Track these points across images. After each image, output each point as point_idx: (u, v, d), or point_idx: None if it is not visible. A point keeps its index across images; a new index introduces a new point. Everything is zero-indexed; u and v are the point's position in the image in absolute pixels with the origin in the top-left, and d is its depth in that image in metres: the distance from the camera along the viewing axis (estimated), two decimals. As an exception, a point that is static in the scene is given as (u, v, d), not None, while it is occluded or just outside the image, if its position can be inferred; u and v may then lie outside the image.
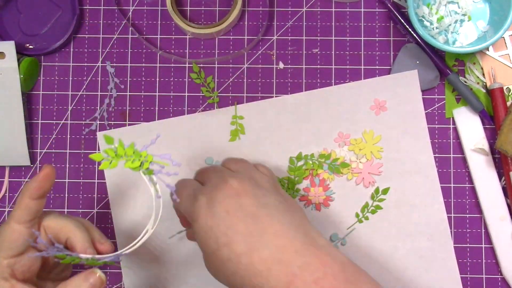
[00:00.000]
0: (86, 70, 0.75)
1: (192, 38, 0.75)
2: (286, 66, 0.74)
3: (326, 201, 0.72)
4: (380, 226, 0.71)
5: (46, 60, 0.75)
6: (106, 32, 0.75)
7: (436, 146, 0.73)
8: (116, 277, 0.72)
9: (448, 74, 0.71)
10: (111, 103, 0.74)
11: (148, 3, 0.75)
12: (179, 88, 0.74)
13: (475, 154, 0.72)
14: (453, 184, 0.72)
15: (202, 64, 0.74)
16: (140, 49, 0.75)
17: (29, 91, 0.74)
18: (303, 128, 0.72)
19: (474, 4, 0.73)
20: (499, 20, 0.69)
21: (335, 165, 0.71)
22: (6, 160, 0.73)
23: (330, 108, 0.73)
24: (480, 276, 0.72)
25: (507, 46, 0.73)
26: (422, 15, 0.72)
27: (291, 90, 0.73)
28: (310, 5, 0.74)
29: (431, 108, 0.73)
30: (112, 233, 0.73)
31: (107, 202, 0.73)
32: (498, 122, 0.70)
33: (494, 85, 0.71)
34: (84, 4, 0.75)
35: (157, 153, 0.73)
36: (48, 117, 0.74)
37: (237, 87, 0.74)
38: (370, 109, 0.72)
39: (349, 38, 0.74)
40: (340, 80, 0.73)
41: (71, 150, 0.74)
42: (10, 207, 0.73)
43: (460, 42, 0.72)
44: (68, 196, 0.73)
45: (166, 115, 0.74)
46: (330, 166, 0.71)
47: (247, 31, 0.75)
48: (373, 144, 0.72)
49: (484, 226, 0.72)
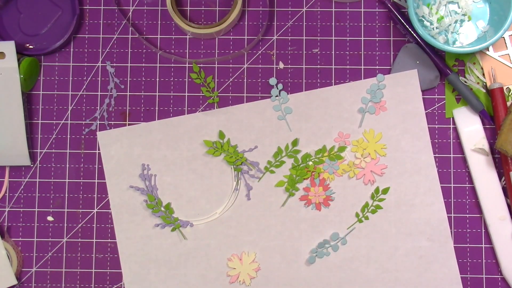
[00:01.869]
0: (86, 70, 0.75)
1: (192, 38, 0.75)
2: (286, 66, 0.74)
3: (326, 201, 0.72)
4: (380, 226, 0.71)
5: (46, 60, 0.75)
6: (106, 32, 0.75)
7: (436, 146, 0.73)
8: (117, 277, 0.72)
9: (448, 74, 0.71)
10: (111, 103, 0.74)
11: (148, 3, 0.75)
12: (179, 88, 0.74)
13: (475, 154, 0.72)
14: (453, 184, 0.72)
15: (202, 64, 0.74)
16: (140, 49, 0.75)
17: (29, 91, 0.74)
18: (303, 127, 0.72)
19: (474, 4, 0.73)
20: (499, 20, 0.69)
21: (334, 153, 0.71)
22: (6, 160, 0.73)
23: (330, 108, 0.73)
24: (480, 276, 0.72)
25: (507, 46, 0.73)
26: (422, 15, 0.72)
27: (291, 90, 0.73)
28: (310, 5, 0.74)
29: (431, 108, 0.73)
30: (112, 233, 0.73)
31: (107, 202, 0.73)
32: (498, 122, 0.70)
33: (494, 85, 0.71)
34: (84, 4, 0.75)
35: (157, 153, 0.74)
36: (48, 117, 0.74)
37: (237, 87, 0.74)
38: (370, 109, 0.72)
39: (349, 38, 0.74)
40: (340, 80, 0.73)
41: (71, 150, 0.74)
42: (10, 207, 0.73)
43: (460, 42, 0.72)
44: (68, 196, 0.73)
45: (166, 115, 0.74)
46: (331, 156, 0.71)
47: (247, 31, 0.75)
48: (376, 142, 0.72)
49: (484, 226, 0.72)
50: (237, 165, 0.72)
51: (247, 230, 0.72)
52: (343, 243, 0.71)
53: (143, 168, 0.73)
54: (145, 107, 0.74)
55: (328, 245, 0.71)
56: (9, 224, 0.73)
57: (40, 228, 0.73)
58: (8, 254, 0.72)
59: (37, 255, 0.73)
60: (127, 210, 0.72)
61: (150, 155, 0.73)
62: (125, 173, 0.73)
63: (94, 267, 0.73)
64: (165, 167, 0.72)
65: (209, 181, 0.72)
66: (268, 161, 0.72)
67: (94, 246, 0.73)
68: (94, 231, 0.73)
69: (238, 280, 0.71)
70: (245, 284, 0.71)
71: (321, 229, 0.72)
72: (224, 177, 0.72)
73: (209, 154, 0.72)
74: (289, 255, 0.71)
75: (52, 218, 0.73)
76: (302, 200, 0.72)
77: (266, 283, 0.71)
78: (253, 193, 0.72)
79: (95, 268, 0.73)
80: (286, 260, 0.71)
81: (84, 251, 0.73)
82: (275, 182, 0.72)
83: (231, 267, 0.72)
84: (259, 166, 0.72)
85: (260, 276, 0.71)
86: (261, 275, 0.71)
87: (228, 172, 0.72)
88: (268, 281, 0.71)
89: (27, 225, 0.73)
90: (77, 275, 0.73)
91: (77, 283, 0.73)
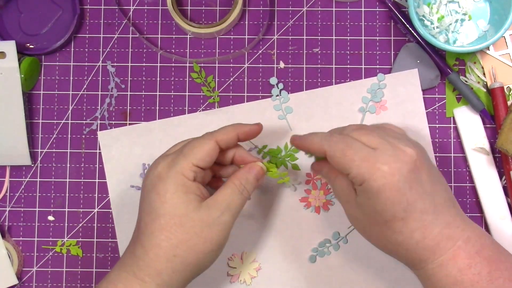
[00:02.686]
0: (86, 70, 0.75)
1: (193, 37, 0.75)
2: (287, 65, 0.74)
3: (326, 205, 0.72)
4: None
5: (46, 59, 0.75)
6: (106, 31, 0.75)
7: (437, 145, 0.73)
8: (117, 276, 0.72)
9: (449, 73, 0.71)
10: (111, 103, 0.74)
11: (148, 3, 0.75)
12: (180, 87, 0.74)
13: (475, 153, 0.72)
14: (453, 183, 0.72)
15: (203, 63, 0.74)
16: (140, 49, 0.75)
17: (30, 90, 0.74)
18: (304, 127, 0.72)
19: (475, 3, 0.73)
20: (500, 20, 0.69)
21: None
22: (7, 159, 0.73)
23: (330, 107, 0.73)
24: (481, 275, 0.72)
25: (508, 46, 0.73)
26: (423, 15, 0.72)
27: (291, 90, 0.73)
28: (311, 5, 0.74)
29: (431, 107, 0.73)
30: (113, 233, 0.73)
31: (108, 201, 0.73)
32: (499, 122, 0.70)
33: (494, 84, 0.71)
34: (85, 4, 0.75)
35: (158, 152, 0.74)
36: (48, 117, 0.74)
37: (237, 87, 0.74)
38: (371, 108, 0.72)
39: (349, 38, 0.74)
40: (340, 80, 0.73)
41: (71, 149, 0.74)
42: (10, 207, 0.74)
43: (460, 41, 0.72)
44: (69, 195, 0.73)
45: (167, 114, 0.74)
46: None
47: (247, 31, 0.75)
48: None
49: (484, 226, 0.72)
50: (283, 182, 0.70)
51: (247, 230, 0.72)
52: (344, 242, 0.71)
53: (143, 168, 0.73)
54: (145, 107, 0.74)
55: (329, 244, 0.71)
56: (9, 223, 0.73)
57: (40, 227, 0.73)
58: (8, 254, 0.72)
59: (38, 254, 0.73)
60: (128, 210, 0.72)
61: (151, 155, 0.73)
62: (126, 173, 0.73)
63: (95, 267, 0.73)
64: (166, 167, 0.72)
65: (209, 181, 0.72)
66: (268, 161, 0.72)
67: (94, 246, 0.73)
68: (95, 230, 0.73)
69: (239, 279, 0.71)
70: (246, 283, 0.71)
71: (322, 228, 0.72)
72: (225, 177, 0.72)
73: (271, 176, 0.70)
74: (290, 254, 0.71)
75: (53, 217, 0.73)
76: (302, 201, 0.72)
77: (267, 282, 0.71)
78: (254, 192, 0.72)
79: (96, 267, 0.73)
80: (287, 260, 0.71)
81: (84, 250, 0.73)
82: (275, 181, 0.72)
83: (232, 267, 0.72)
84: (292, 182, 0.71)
85: (261, 275, 0.71)
86: (262, 275, 0.71)
87: None
88: (269, 281, 0.71)
89: (27, 224, 0.73)
90: (77, 274, 0.73)
91: (77, 283, 0.73)
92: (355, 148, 0.56)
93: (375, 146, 0.56)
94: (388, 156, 0.55)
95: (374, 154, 0.55)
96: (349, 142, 0.56)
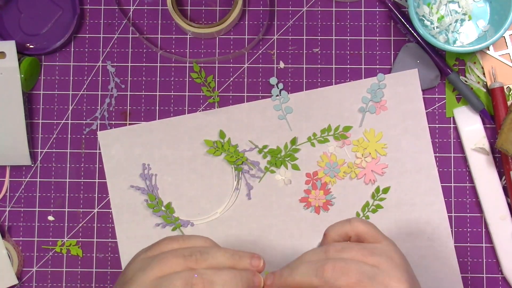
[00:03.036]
0: (86, 70, 0.75)
1: (193, 37, 0.75)
2: (287, 65, 0.74)
3: (326, 205, 0.72)
4: (381, 225, 0.71)
5: (46, 59, 0.75)
6: (106, 31, 0.75)
7: (437, 145, 0.73)
8: (117, 276, 0.72)
9: (449, 73, 0.71)
10: (111, 103, 0.74)
11: (148, 3, 0.75)
12: (180, 87, 0.74)
13: (475, 153, 0.72)
14: (453, 183, 0.72)
15: (203, 63, 0.74)
16: (140, 49, 0.75)
17: (30, 90, 0.74)
18: (304, 127, 0.72)
19: (475, 3, 0.73)
20: (500, 20, 0.69)
21: (340, 133, 0.71)
22: (7, 159, 0.73)
23: (330, 107, 0.73)
24: (481, 275, 0.72)
25: (508, 46, 0.73)
26: (423, 15, 0.72)
27: (291, 90, 0.73)
28: (311, 5, 0.74)
29: (431, 107, 0.73)
30: (113, 233, 0.73)
31: (107, 201, 0.73)
32: (499, 122, 0.70)
33: (494, 84, 0.71)
34: (85, 4, 0.75)
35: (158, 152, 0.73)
36: (48, 117, 0.74)
37: (237, 87, 0.74)
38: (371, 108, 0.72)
39: (349, 38, 0.74)
40: (340, 80, 0.73)
41: (71, 149, 0.74)
42: (10, 207, 0.73)
43: (460, 41, 0.72)
44: (69, 195, 0.73)
45: (167, 114, 0.74)
46: (335, 136, 0.71)
47: (247, 31, 0.75)
48: (376, 142, 0.72)
49: (484, 226, 0.72)
50: (237, 165, 0.72)
51: (247, 230, 0.72)
52: (344, 242, 0.71)
53: (143, 168, 0.73)
54: (145, 107, 0.74)
55: (328, 245, 0.71)
56: (9, 223, 0.73)
57: (40, 227, 0.73)
58: (8, 254, 0.72)
59: (38, 254, 0.73)
60: (127, 210, 0.72)
61: (151, 155, 0.73)
62: (126, 173, 0.73)
63: (95, 267, 0.73)
64: (166, 167, 0.72)
65: (209, 181, 0.72)
66: (268, 161, 0.72)
67: (94, 246, 0.73)
68: (95, 230, 0.73)
69: (239, 279, 0.71)
70: (245, 283, 0.71)
71: (322, 228, 0.71)
72: (225, 177, 0.72)
73: (210, 153, 0.72)
74: (290, 254, 0.71)
75: (53, 217, 0.73)
76: (302, 202, 0.72)
77: (267, 282, 0.71)
78: (254, 192, 0.72)
79: (96, 267, 0.73)
80: (287, 259, 0.71)
81: (84, 250, 0.73)
82: (276, 182, 0.72)
83: (232, 267, 0.71)
84: (259, 166, 0.72)
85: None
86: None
87: (229, 172, 0.72)
88: (269, 281, 0.71)
89: (27, 224, 0.73)
90: (77, 274, 0.73)
91: (77, 283, 0.73)
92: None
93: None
94: None
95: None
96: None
